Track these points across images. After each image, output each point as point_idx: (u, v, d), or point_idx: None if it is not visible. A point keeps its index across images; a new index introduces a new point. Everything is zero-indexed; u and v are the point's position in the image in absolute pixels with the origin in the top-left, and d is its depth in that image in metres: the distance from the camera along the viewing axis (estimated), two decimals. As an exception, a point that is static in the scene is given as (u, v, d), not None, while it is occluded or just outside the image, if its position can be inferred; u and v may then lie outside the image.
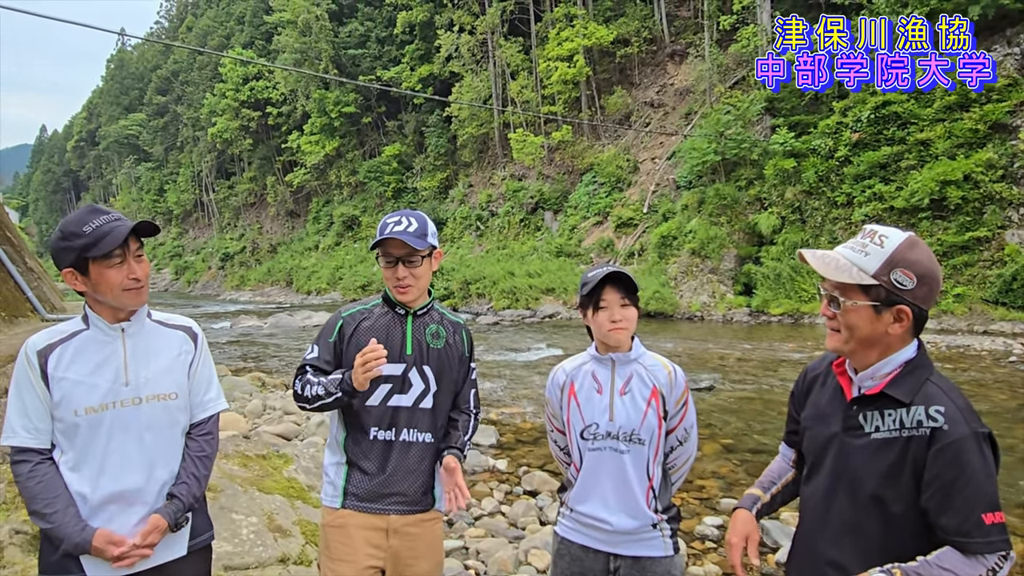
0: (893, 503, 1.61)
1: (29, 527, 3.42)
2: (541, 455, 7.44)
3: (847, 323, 1.67)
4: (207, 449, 2.15)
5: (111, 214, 1.97)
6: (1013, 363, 12.23)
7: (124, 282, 1.94)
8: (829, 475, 1.74)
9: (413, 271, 2.32)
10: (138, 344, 2.04)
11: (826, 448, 1.75)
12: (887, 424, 1.63)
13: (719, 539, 5.16)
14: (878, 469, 1.62)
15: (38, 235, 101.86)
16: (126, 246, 1.94)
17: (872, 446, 1.64)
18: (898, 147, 19.76)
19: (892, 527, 1.62)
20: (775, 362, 13.25)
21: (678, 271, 23.79)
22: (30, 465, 1.90)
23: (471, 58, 39.34)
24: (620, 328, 2.23)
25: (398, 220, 2.33)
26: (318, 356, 2.40)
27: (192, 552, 2.12)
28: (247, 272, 54.70)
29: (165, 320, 2.18)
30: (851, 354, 1.72)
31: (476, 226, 38.04)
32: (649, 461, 2.25)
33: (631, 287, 2.23)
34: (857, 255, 1.65)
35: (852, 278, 1.63)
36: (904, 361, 1.66)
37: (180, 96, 71.02)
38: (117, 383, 1.97)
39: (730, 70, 28.85)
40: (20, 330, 6.29)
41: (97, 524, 1.92)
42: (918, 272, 1.60)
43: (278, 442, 6.53)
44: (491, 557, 4.66)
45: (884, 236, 1.64)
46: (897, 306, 1.61)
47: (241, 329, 22.62)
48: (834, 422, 1.75)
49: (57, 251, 1.95)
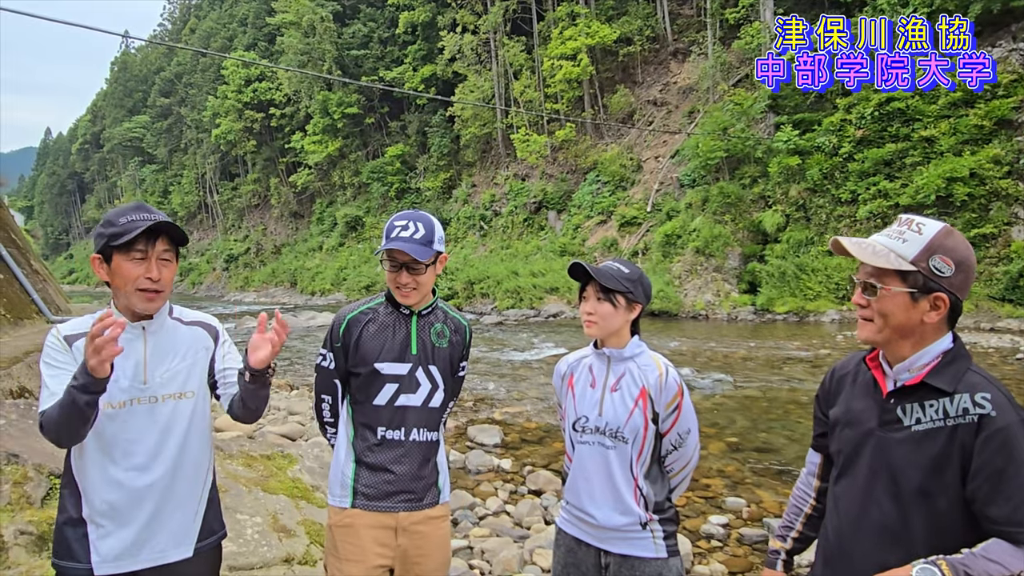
0: (939, 497, 1.56)
1: (34, 527, 3.41)
2: (546, 454, 7.43)
3: (882, 310, 1.63)
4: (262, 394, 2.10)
5: (153, 213, 1.96)
6: (1020, 360, 12.18)
7: (139, 280, 1.92)
8: (866, 473, 1.68)
9: (416, 277, 2.30)
10: (159, 342, 2.04)
11: (861, 446, 1.70)
12: (929, 415, 1.58)
13: (725, 538, 5.15)
14: (923, 462, 1.58)
15: (43, 237, 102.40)
16: (151, 245, 1.93)
17: (914, 439, 1.60)
18: (903, 144, 19.71)
19: (937, 522, 1.57)
20: (780, 361, 13.21)
21: (682, 270, 23.75)
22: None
23: (474, 58, 39.35)
24: (591, 322, 2.24)
25: (405, 225, 2.30)
26: (336, 367, 2.40)
27: (199, 553, 2.10)
28: (251, 273, 54.83)
29: (183, 317, 2.17)
30: (885, 343, 1.68)
31: (480, 226, 38.03)
32: (633, 460, 2.23)
33: (607, 282, 2.19)
34: (894, 242, 1.63)
35: (890, 263, 1.60)
36: (942, 351, 1.63)
37: (183, 98, 71.21)
38: (136, 381, 1.97)
39: (733, 68, 28.80)
40: (25, 332, 6.30)
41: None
42: (956, 259, 1.58)
43: (283, 442, 6.54)
44: (496, 557, 4.65)
45: (922, 224, 1.62)
46: (934, 293, 1.59)
47: (245, 330, 22.64)
48: (869, 418, 1.70)
49: (94, 236, 2.00)
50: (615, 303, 2.22)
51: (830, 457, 1.87)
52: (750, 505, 5.75)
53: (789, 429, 8.26)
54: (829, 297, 19.74)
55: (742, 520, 5.50)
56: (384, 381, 2.33)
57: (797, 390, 10.46)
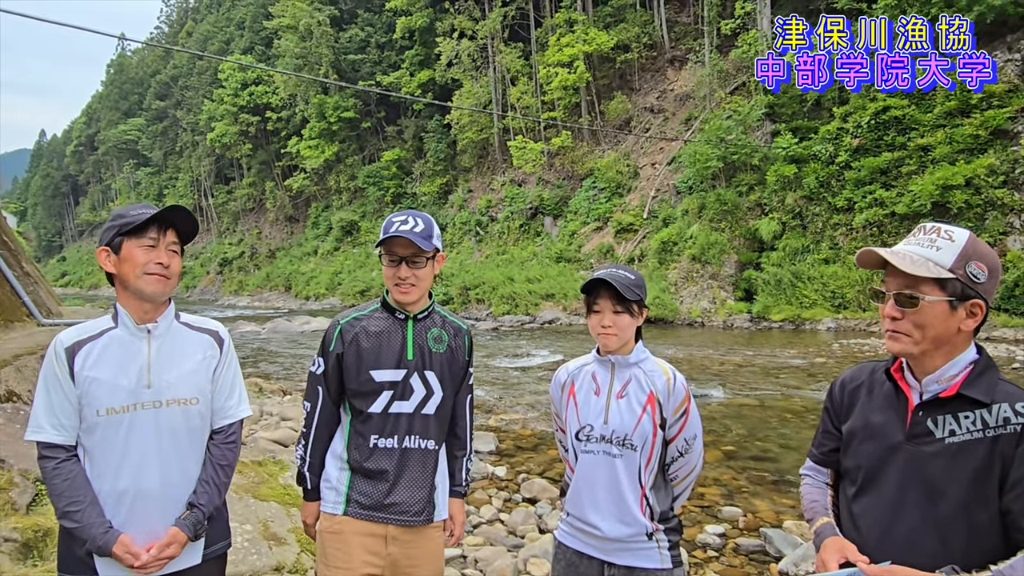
0: (981, 511, 1.52)
1: (19, 534, 3.35)
2: (541, 462, 7.37)
3: (919, 322, 1.58)
4: (229, 457, 2.14)
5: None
6: (1016, 369, 12.17)
7: (148, 264, 1.94)
8: (895, 488, 1.63)
9: (416, 272, 2.28)
10: (163, 346, 2.03)
11: (886, 460, 1.65)
12: (964, 427, 1.55)
13: (721, 548, 5.09)
14: (962, 475, 1.53)
15: (36, 240, 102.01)
16: (162, 234, 1.98)
17: (950, 451, 1.55)
18: (899, 153, 19.78)
19: (979, 538, 1.52)
20: (776, 368, 13.19)
21: (678, 277, 23.76)
22: (56, 462, 1.91)
23: (471, 64, 39.40)
24: (609, 334, 2.20)
25: (404, 219, 2.29)
26: (326, 370, 2.37)
27: (207, 560, 2.10)
28: (246, 277, 54.68)
29: (192, 323, 2.17)
30: (920, 356, 1.62)
31: (476, 231, 38.00)
32: (641, 468, 2.20)
33: (627, 293, 2.15)
34: (927, 250, 1.59)
35: (930, 272, 1.55)
36: (970, 362, 1.60)
37: (179, 101, 71.18)
38: (140, 385, 1.96)
39: (730, 76, 28.88)
40: (16, 335, 6.23)
41: (111, 519, 1.93)
42: (989, 265, 1.56)
43: (275, 448, 6.47)
44: (489, 566, 4.59)
45: (950, 231, 1.59)
46: (971, 300, 1.56)
47: (239, 334, 22.54)
48: (894, 431, 1.65)
49: (102, 231, 2.01)
50: (632, 313, 2.20)
51: (838, 472, 1.82)
52: (746, 514, 5.70)
53: (785, 438, 8.23)
54: (825, 305, 19.75)
55: (738, 530, 5.45)
56: (379, 389, 2.30)
57: (793, 398, 10.43)
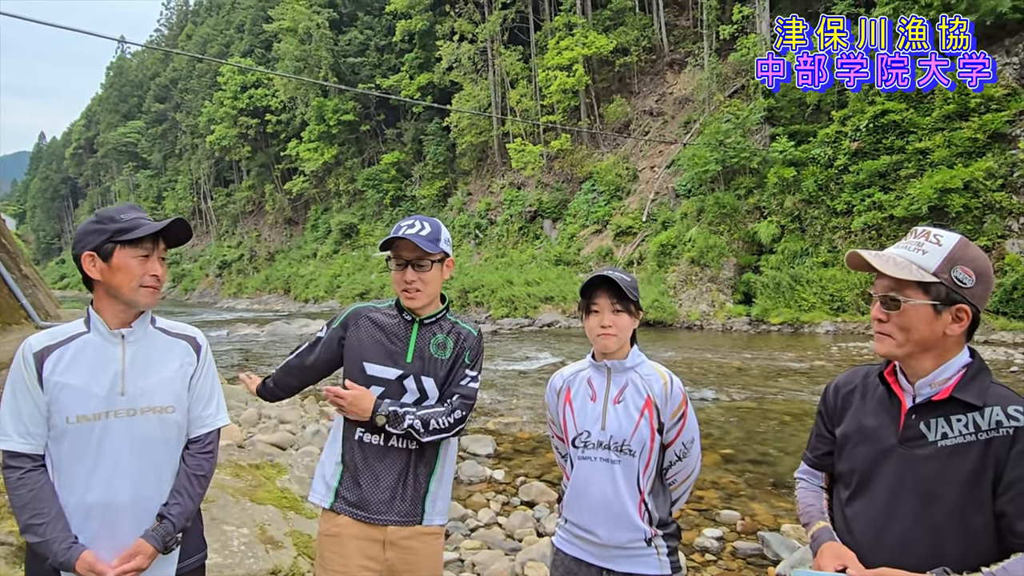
0: (975, 514, 1.52)
1: (14, 538, 3.33)
2: (539, 465, 7.36)
3: (903, 324, 1.59)
4: (205, 467, 2.05)
5: (145, 214, 1.99)
6: (1015, 373, 12.17)
7: (144, 277, 1.90)
8: (888, 491, 1.63)
9: (422, 276, 2.27)
10: (138, 352, 1.96)
11: (879, 463, 1.65)
12: (957, 430, 1.55)
13: (719, 551, 5.08)
14: (956, 478, 1.53)
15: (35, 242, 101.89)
16: (156, 243, 1.94)
17: (943, 454, 1.56)
18: (897, 156, 19.79)
19: (973, 541, 1.53)
20: (775, 372, 13.18)
21: (677, 280, 23.76)
22: (21, 472, 1.83)
23: (471, 67, 39.45)
24: (609, 334, 2.18)
25: (411, 224, 2.30)
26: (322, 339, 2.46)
27: (182, 574, 2.02)
28: (245, 280, 54.69)
29: (168, 328, 2.09)
30: (905, 358, 1.64)
31: (475, 234, 38.03)
32: (639, 473, 2.18)
33: (624, 293, 2.16)
34: (914, 254, 1.60)
35: (912, 275, 1.57)
36: (963, 366, 1.61)
37: (179, 104, 71.23)
38: (113, 392, 1.88)
39: (729, 79, 28.93)
40: (13, 337, 6.23)
41: (79, 536, 1.85)
42: (977, 270, 1.57)
43: (272, 451, 6.44)
44: (487, 570, 4.57)
45: (939, 235, 1.61)
46: (957, 305, 1.56)
47: (238, 337, 22.52)
48: (887, 434, 1.65)
49: (85, 233, 1.90)
50: (631, 312, 2.20)
51: (832, 476, 1.82)
52: (744, 518, 5.69)
53: (784, 441, 8.21)
54: (824, 308, 19.74)
55: (736, 533, 5.44)
56: (370, 383, 2.30)
57: (792, 402, 10.42)
